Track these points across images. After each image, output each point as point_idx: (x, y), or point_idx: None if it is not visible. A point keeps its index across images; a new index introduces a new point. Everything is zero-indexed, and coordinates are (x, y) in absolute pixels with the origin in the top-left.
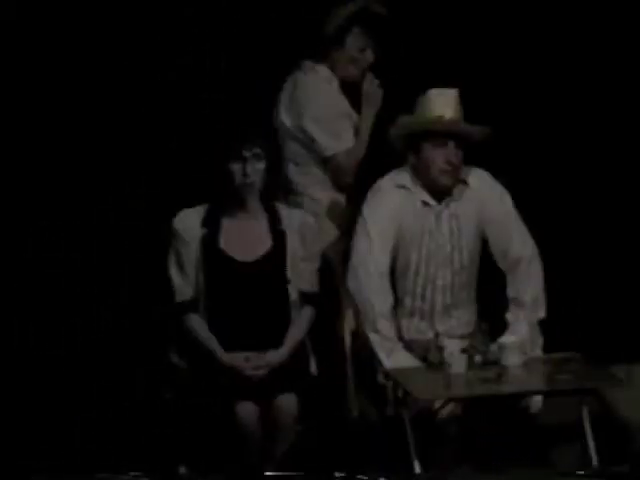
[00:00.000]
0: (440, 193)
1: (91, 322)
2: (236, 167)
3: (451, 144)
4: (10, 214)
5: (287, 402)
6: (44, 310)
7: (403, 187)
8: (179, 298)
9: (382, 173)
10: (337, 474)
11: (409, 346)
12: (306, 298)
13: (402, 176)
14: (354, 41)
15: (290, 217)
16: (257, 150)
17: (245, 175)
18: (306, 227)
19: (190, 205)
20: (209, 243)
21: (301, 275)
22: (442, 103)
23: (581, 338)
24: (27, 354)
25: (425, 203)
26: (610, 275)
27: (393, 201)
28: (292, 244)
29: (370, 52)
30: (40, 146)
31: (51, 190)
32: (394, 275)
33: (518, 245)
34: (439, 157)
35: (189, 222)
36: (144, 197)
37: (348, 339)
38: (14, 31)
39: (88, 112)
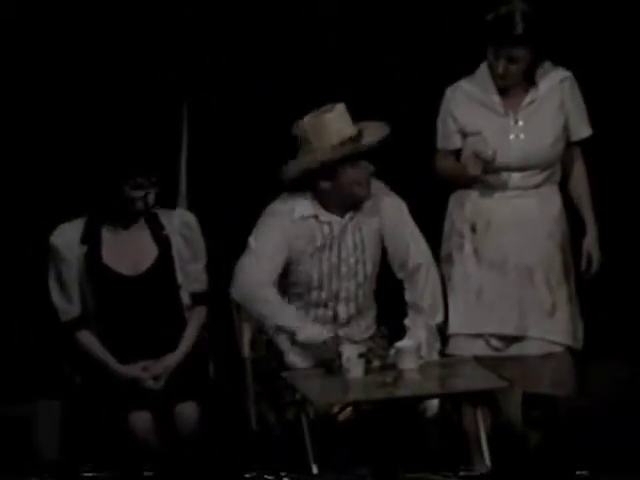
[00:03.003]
0: (347, 208)
1: None
2: (137, 194)
3: (364, 163)
4: (10, 214)
5: (187, 410)
6: (44, 310)
7: (294, 210)
8: (64, 317)
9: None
10: (247, 475)
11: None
12: (196, 298)
13: (297, 200)
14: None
15: (170, 220)
16: (155, 177)
17: (146, 204)
18: (186, 226)
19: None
20: (92, 260)
21: (191, 276)
22: (341, 123)
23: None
24: (27, 354)
25: (324, 221)
26: None
27: (285, 221)
28: (177, 247)
29: (502, 61)
30: (40, 146)
31: (51, 190)
32: (297, 291)
33: (416, 253)
34: (358, 175)
35: (68, 238)
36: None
37: (247, 345)
38: (14, 31)
39: (89, 112)
